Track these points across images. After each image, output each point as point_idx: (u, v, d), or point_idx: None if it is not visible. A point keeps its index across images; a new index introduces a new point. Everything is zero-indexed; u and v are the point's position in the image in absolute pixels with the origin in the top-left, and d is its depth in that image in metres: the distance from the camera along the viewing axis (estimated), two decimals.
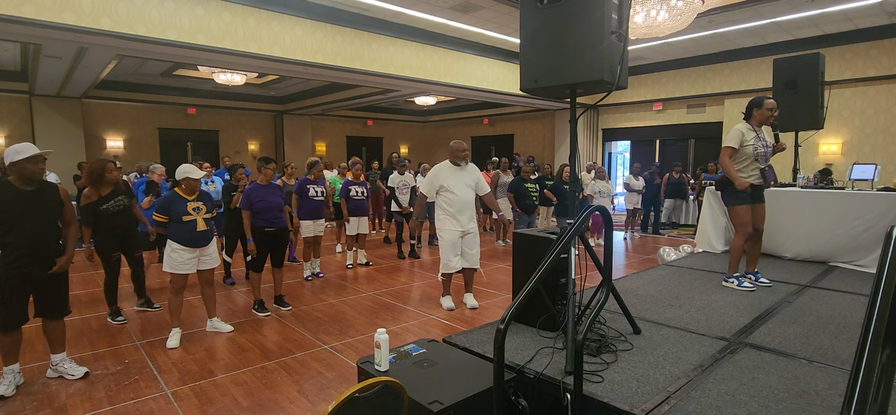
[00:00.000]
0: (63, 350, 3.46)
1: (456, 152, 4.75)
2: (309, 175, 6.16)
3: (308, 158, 6.79)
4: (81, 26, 5.70)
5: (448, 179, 4.66)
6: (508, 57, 10.76)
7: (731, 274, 4.14)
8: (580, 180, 8.74)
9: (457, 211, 4.67)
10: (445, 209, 4.69)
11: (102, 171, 4.48)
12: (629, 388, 2.29)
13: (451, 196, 4.65)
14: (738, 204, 4.03)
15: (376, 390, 1.46)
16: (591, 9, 2.49)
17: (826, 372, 2.45)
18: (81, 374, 3.43)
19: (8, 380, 3.19)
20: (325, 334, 4.32)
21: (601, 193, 8.66)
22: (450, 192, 4.65)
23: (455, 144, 4.79)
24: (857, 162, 5.66)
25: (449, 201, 4.66)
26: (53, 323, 3.37)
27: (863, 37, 9.41)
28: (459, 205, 4.67)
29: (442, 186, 4.67)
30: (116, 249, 4.59)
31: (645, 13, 6.32)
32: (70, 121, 11.64)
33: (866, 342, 0.93)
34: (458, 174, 4.72)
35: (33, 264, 3.16)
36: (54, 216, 3.31)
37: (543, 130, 16.48)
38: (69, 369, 3.43)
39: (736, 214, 4.09)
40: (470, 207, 4.77)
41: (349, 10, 7.94)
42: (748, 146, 3.94)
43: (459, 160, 4.74)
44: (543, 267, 2.25)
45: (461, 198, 4.67)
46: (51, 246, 3.26)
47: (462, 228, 4.70)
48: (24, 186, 3.16)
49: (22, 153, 3.11)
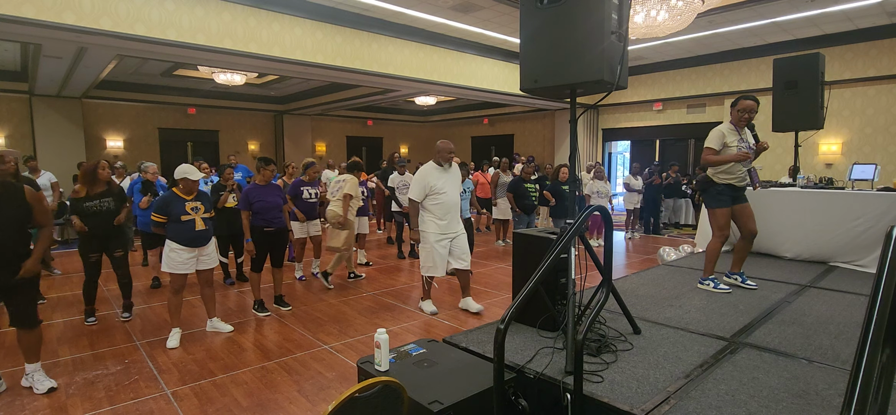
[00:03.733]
0: (36, 360, 3.27)
1: (442, 153, 4.62)
2: (303, 176, 6.17)
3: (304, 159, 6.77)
4: (81, 26, 5.69)
5: (437, 180, 4.58)
6: (508, 57, 10.76)
7: (707, 276, 4.07)
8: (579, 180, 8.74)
9: (444, 213, 4.59)
10: (432, 211, 4.59)
11: (94, 169, 4.50)
12: (629, 388, 2.29)
13: (440, 198, 4.56)
14: (717, 207, 3.99)
15: (376, 390, 1.46)
16: (591, 9, 2.49)
17: (826, 372, 2.45)
18: (45, 389, 3.21)
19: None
20: (325, 334, 4.32)
21: (599, 194, 8.66)
22: (439, 193, 4.56)
23: (442, 143, 4.67)
24: (857, 162, 5.65)
25: (437, 203, 4.57)
26: (24, 333, 3.18)
27: (863, 37, 9.41)
28: (448, 206, 4.60)
29: (431, 188, 4.57)
30: (96, 249, 4.52)
31: (645, 13, 6.32)
32: (70, 121, 11.63)
33: (866, 342, 0.93)
34: (445, 175, 4.64)
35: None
36: (18, 221, 3.07)
37: (543, 130, 16.47)
38: (37, 381, 3.24)
39: (714, 217, 4.04)
40: (456, 209, 4.71)
41: (349, 10, 7.94)
42: (732, 147, 3.88)
43: (444, 161, 4.63)
44: (543, 267, 2.25)
45: (450, 199, 4.61)
46: (14, 251, 3.04)
47: (448, 232, 4.63)
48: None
49: None
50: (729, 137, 3.90)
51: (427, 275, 4.76)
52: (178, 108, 14.21)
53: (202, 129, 15.04)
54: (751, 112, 3.91)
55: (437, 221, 4.58)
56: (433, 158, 4.70)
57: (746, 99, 3.93)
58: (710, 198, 4.05)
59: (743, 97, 3.96)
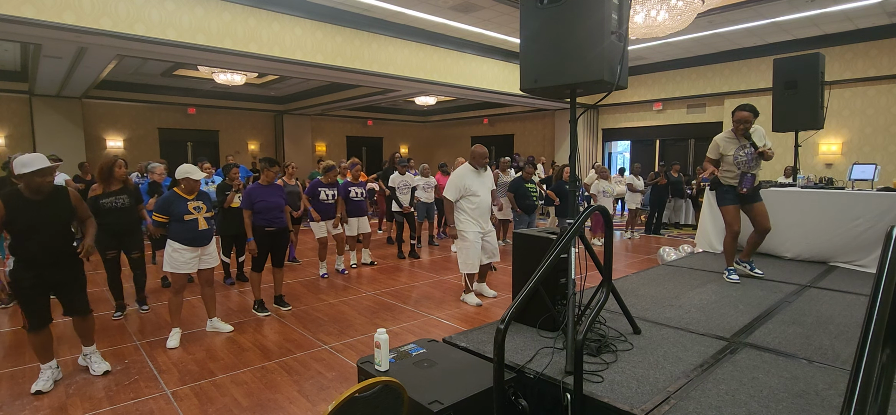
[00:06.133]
0: (92, 343, 3.57)
1: (478, 157, 4.95)
2: (321, 178, 6.34)
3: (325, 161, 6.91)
4: (81, 26, 5.70)
5: (473, 183, 4.87)
6: (508, 57, 10.76)
7: (727, 266, 4.39)
8: (580, 179, 8.74)
9: (480, 214, 4.89)
10: (469, 212, 4.87)
11: (111, 167, 4.59)
12: (629, 388, 2.29)
13: (475, 199, 4.86)
14: (725, 204, 4.34)
15: (376, 390, 1.46)
16: (591, 9, 2.49)
17: (826, 372, 2.45)
18: (101, 371, 3.52)
19: (46, 376, 3.29)
20: (325, 334, 4.32)
21: (605, 193, 8.66)
22: (474, 195, 4.85)
23: (478, 148, 5.00)
24: (857, 162, 5.65)
25: (473, 204, 4.86)
26: (79, 320, 3.45)
27: (863, 37, 9.41)
28: (483, 208, 4.91)
29: (467, 190, 4.84)
30: (112, 247, 4.63)
31: (645, 13, 6.32)
32: (70, 121, 11.64)
33: (866, 342, 0.93)
34: (480, 178, 4.95)
35: (47, 270, 3.18)
36: (67, 224, 3.32)
37: (543, 130, 16.48)
38: (94, 362, 3.55)
39: (723, 213, 4.42)
40: (488, 209, 5.04)
41: (349, 10, 7.94)
42: (729, 155, 4.23)
43: (479, 165, 4.94)
44: (543, 267, 2.25)
45: (484, 201, 4.92)
46: (65, 251, 3.28)
47: (484, 229, 4.95)
48: (33, 197, 3.14)
49: (29, 166, 3.08)
50: (725, 146, 4.27)
51: (466, 271, 5.01)
52: (178, 108, 14.22)
53: (202, 129, 15.04)
54: (745, 123, 4.19)
55: (475, 221, 4.89)
56: (469, 160, 5.04)
57: (742, 110, 4.22)
58: (719, 196, 4.42)
59: (739, 108, 4.26)
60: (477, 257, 4.94)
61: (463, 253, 4.96)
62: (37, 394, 3.20)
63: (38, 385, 3.24)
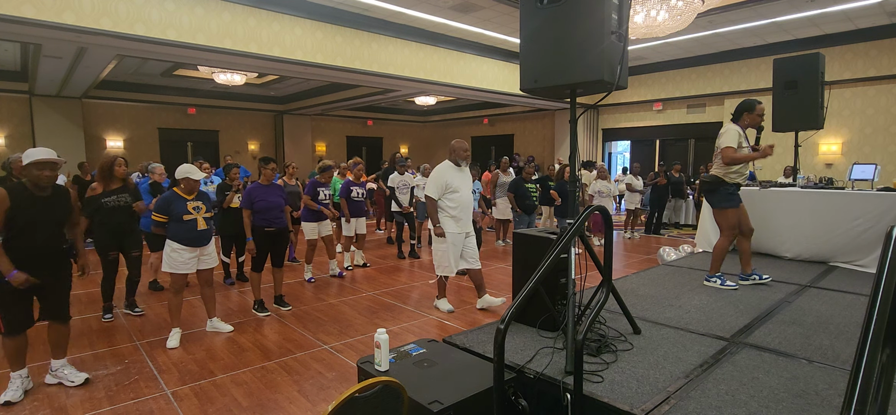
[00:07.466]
0: (64, 356, 3.33)
1: (458, 152, 4.65)
2: (319, 178, 6.22)
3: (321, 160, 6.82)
4: (81, 26, 5.70)
5: (453, 179, 4.59)
6: (508, 57, 10.76)
7: (713, 274, 4.15)
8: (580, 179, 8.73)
9: (460, 212, 4.60)
10: (449, 210, 4.58)
11: (111, 165, 4.56)
12: (629, 388, 2.29)
13: (456, 196, 4.57)
14: (729, 206, 4.06)
15: (376, 390, 1.46)
16: (591, 9, 2.49)
17: (826, 372, 2.45)
18: (81, 380, 3.29)
19: (16, 385, 3.10)
20: (325, 334, 4.32)
21: (601, 193, 8.65)
22: (455, 192, 4.57)
23: (457, 143, 4.68)
24: (857, 162, 5.65)
25: (453, 202, 4.57)
26: (56, 327, 3.27)
27: (863, 37, 9.41)
28: (464, 205, 4.61)
29: (447, 186, 4.57)
30: (114, 247, 4.61)
31: (645, 13, 6.32)
32: (70, 121, 11.64)
33: (866, 342, 0.93)
34: (461, 175, 4.66)
35: (38, 270, 3.01)
36: (63, 223, 3.24)
37: (543, 130, 16.48)
38: (69, 375, 3.30)
39: (725, 216, 4.11)
40: (470, 208, 4.71)
41: (349, 10, 7.94)
42: (743, 148, 3.99)
43: (461, 160, 4.66)
44: (543, 267, 2.25)
45: (465, 198, 4.62)
46: (58, 252, 3.19)
47: (464, 229, 4.65)
48: (38, 192, 3.04)
49: (29, 157, 2.98)
50: (740, 139, 4.00)
51: (442, 274, 4.76)
52: (178, 108, 14.22)
53: (202, 129, 15.05)
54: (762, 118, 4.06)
55: (455, 220, 4.60)
56: (448, 156, 4.71)
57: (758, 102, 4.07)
58: (721, 198, 4.09)
59: (757, 101, 4.08)
60: (455, 260, 4.61)
61: (438, 254, 4.66)
62: (6, 405, 3.01)
63: (7, 395, 3.05)
